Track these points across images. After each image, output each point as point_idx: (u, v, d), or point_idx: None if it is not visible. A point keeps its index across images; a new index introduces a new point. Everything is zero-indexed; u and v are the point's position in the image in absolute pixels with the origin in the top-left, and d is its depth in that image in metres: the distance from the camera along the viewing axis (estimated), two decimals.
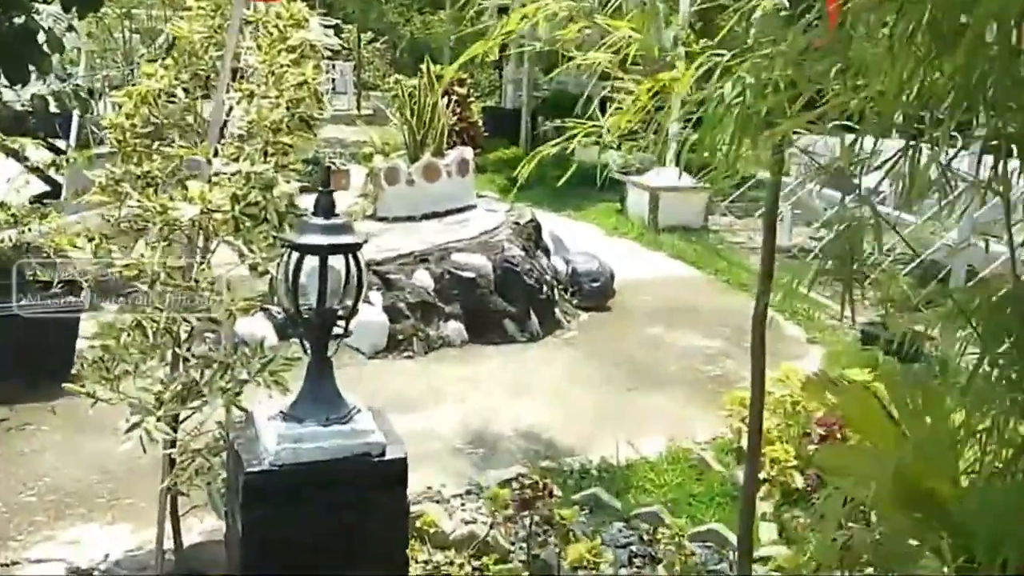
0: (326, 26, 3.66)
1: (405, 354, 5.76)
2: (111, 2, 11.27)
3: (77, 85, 7.61)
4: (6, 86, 5.93)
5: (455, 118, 10.19)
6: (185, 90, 3.41)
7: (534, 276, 6.48)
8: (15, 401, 4.82)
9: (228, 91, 3.37)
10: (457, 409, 5.13)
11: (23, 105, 6.85)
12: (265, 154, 3.23)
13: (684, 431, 4.90)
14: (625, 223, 10.54)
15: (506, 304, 6.26)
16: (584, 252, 7.76)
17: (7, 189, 5.49)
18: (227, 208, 2.94)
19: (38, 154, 6.54)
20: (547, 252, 7.39)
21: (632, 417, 5.13)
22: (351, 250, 2.61)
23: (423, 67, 8.46)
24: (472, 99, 13.84)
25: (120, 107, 3.35)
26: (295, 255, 2.58)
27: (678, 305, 7.59)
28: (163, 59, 3.54)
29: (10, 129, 5.96)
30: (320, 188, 2.65)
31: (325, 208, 2.62)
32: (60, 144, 8.04)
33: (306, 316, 2.60)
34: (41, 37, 5.57)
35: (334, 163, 10.02)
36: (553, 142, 2.67)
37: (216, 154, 3.22)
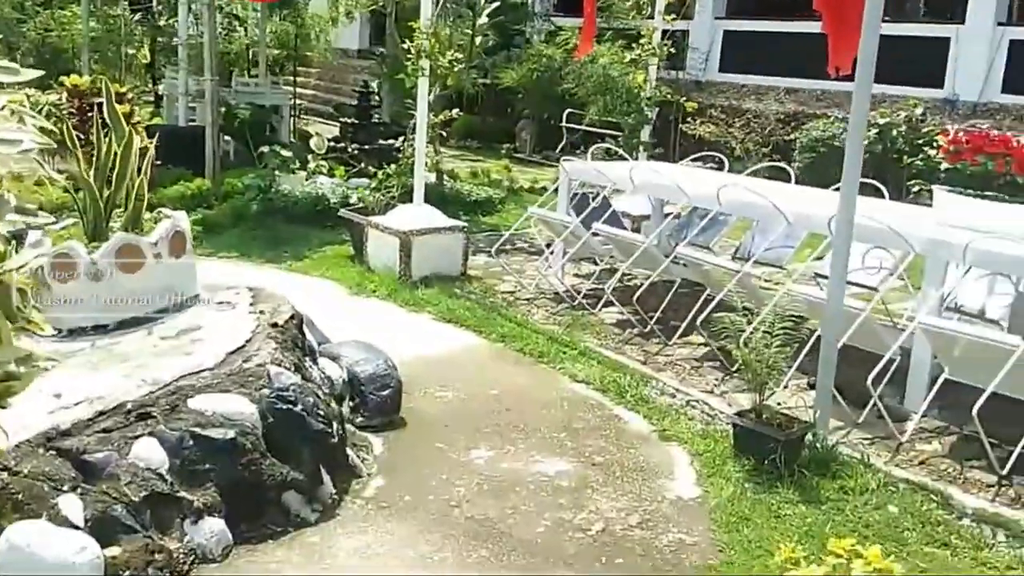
0: None
1: None
2: None
3: None
4: None
5: None
6: None
7: (320, 411, 4.38)
8: None
9: None
10: None
11: None
12: None
13: None
14: (369, 276, 8.59)
15: (286, 467, 4.11)
16: (357, 342, 5.75)
17: None
18: None
19: None
20: (313, 355, 5.28)
21: None
22: None
23: (98, 84, 5.78)
24: (139, 119, 10.87)
25: None
26: None
27: (484, 400, 5.91)
28: None
29: None
30: None
31: None
32: None
33: None
34: None
35: None
36: None
37: None
